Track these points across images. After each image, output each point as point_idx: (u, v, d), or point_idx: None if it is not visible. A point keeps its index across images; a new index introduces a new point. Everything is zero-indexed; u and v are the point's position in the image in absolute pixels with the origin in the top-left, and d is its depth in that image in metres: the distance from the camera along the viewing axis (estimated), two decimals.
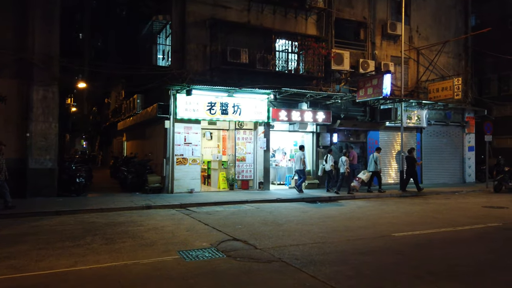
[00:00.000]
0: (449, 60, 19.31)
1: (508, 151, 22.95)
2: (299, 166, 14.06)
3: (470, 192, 15.96)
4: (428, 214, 9.90)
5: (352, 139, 17.11)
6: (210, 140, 17.46)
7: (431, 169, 18.60)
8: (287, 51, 15.34)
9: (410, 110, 17.77)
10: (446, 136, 19.17)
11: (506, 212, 10.37)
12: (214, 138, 17.38)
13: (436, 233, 7.54)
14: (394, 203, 12.27)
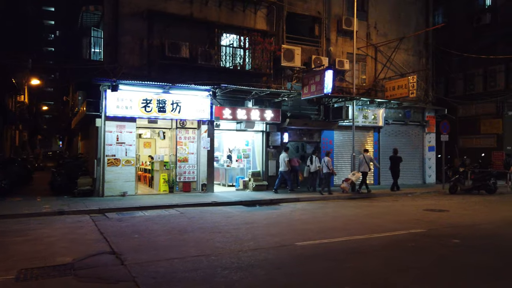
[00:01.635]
0: (409, 57, 18.82)
1: (474, 151, 22.68)
2: (284, 168, 14.14)
3: (425, 193, 15.46)
4: (358, 219, 9.26)
5: (306, 139, 16.47)
6: (163, 139, 16.64)
7: None
8: (232, 46, 14.60)
9: (366, 108, 17.21)
10: (406, 136, 18.67)
11: (442, 216, 9.80)
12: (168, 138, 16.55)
13: (344, 241, 6.88)
14: (335, 206, 11.64)
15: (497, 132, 21.76)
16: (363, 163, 14.84)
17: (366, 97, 17.12)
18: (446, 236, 7.41)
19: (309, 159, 14.65)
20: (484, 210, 10.99)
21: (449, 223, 8.77)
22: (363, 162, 14.84)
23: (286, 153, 14.45)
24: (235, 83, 13.71)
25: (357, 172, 14.89)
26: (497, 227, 8.42)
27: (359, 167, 14.97)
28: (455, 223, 8.79)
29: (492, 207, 11.50)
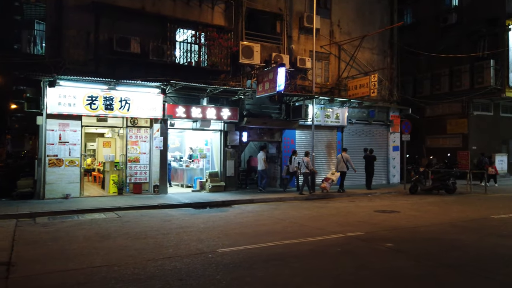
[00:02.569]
0: (374, 56, 18.64)
1: (441, 151, 22.74)
2: (262, 167, 14.51)
3: (385, 193, 15.27)
4: (301, 222, 8.90)
5: (266, 138, 16.07)
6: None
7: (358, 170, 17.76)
8: (187, 41, 14.08)
9: (329, 108, 16.94)
10: (370, 136, 18.49)
11: (389, 218, 9.53)
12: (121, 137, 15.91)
13: (272, 247, 6.50)
14: (287, 208, 11.26)
15: (463, 131, 21.87)
16: (340, 162, 15.02)
17: (330, 96, 16.85)
18: (382, 239, 7.10)
19: (289, 159, 14.99)
20: (435, 211, 10.79)
21: (392, 226, 8.49)
22: (341, 162, 15.01)
23: (263, 151, 14.71)
24: (191, 80, 13.22)
25: (336, 172, 15.08)
26: (439, 229, 8.17)
27: (337, 167, 15.25)
28: (398, 226, 8.51)
29: (445, 208, 11.32)
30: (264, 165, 14.51)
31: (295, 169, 14.47)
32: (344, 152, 15.48)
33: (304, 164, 14.10)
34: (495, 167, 19.38)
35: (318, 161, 16.87)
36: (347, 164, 15.09)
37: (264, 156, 14.58)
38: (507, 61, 19.72)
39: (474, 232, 7.86)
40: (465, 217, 9.68)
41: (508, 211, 10.49)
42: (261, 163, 14.54)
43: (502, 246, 6.73)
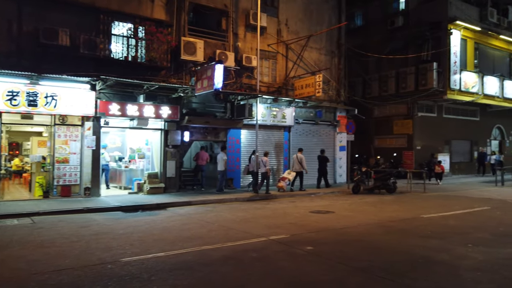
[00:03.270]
0: (321, 56, 18.68)
1: (388, 151, 23.23)
2: (221, 167, 14.45)
3: (329, 193, 15.27)
4: (230, 225, 8.55)
5: (210, 138, 15.64)
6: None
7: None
8: (123, 35, 13.35)
9: (275, 107, 16.76)
10: (317, 136, 18.52)
11: (321, 219, 9.40)
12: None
13: (184, 254, 6.10)
14: (222, 210, 10.88)
15: (408, 132, 22.46)
16: (295, 162, 15.33)
17: (277, 95, 16.67)
18: (305, 242, 6.88)
19: (249, 158, 15.05)
20: (370, 211, 10.81)
21: (321, 227, 8.33)
22: (296, 162, 15.32)
23: (223, 152, 14.67)
24: (128, 76, 12.53)
25: (292, 171, 15.32)
26: (366, 230, 8.10)
27: (292, 167, 15.56)
28: (327, 227, 8.36)
29: (380, 208, 11.39)
30: (224, 166, 14.48)
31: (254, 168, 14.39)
32: (300, 152, 15.71)
33: (263, 163, 14.24)
34: (442, 166, 20.14)
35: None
36: (301, 164, 15.35)
37: (226, 156, 14.61)
38: (448, 64, 20.42)
39: (398, 233, 7.84)
40: (395, 217, 9.73)
41: (438, 211, 10.68)
42: (221, 163, 14.47)
43: (419, 247, 6.69)
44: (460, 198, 13.76)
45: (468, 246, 6.79)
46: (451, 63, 20.47)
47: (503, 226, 8.59)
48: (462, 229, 8.20)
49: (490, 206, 11.54)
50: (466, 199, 13.47)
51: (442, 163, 21.87)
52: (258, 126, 14.71)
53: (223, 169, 14.52)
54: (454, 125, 23.95)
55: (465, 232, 7.95)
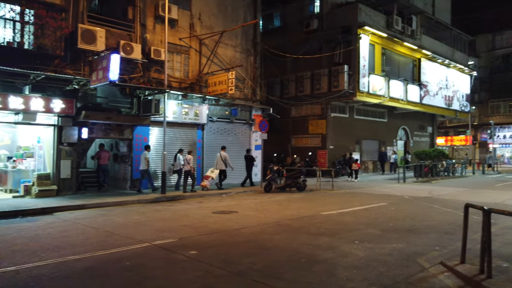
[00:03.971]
0: (237, 54, 18.40)
1: (304, 150, 23.77)
2: (143, 166, 14.00)
3: (241, 193, 14.99)
4: (115, 230, 7.75)
5: (114, 135, 14.47)
6: None
7: None
8: (4, 17, 11.72)
9: (188, 104, 16.08)
10: (232, 134, 18.20)
11: (220, 220, 8.99)
12: None
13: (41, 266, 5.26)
14: (116, 214, 9.96)
15: (322, 132, 23.19)
16: (219, 161, 15.28)
17: (189, 91, 16.01)
18: (190, 246, 6.38)
19: (174, 157, 14.65)
20: (274, 209, 10.67)
21: (216, 229, 7.91)
22: (219, 160, 15.27)
23: (147, 151, 14.30)
24: (11, 64, 10.96)
25: (216, 169, 15.26)
26: (261, 230, 7.85)
27: (216, 165, 15.40)
28: (223, 228, 7.97)
29: (286, 206, 11.34)
30: (145, 165, 14.07)
31: (180, 167, 14.30)
32: (223, 150, 15.65)
33: (186, 162, 14.15)
34: (358, 164, 21.13)
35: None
36: (225, 162, 15.33)
37: (148, 155, 14.16)
38: (358, 67, 21.43)
39: (293, 232, 7.70)
40: (296, 215, 9.67)
41: (339, 207, 10.90)
42: (143, 163, 14.04)
43: (308, 245, 6.56)
44: (363, 195, 14.35)
45: (355, 243, 6.82)
46: (360, 66, 21.51)
47: (393, 221, 8.91)
48: (355, 226, 8.33)
49: (387, 202, 12.11)
50: (368, 195, 14.07)
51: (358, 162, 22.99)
52: (166, 123, 13.93)
53: (145, 168, 14.01)
54: (365, 125, 25.32)
55: (357, 228, 8.07)
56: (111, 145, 15.95)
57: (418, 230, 7.94)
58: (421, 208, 10.94)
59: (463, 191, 15.95)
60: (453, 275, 5.10)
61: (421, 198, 13.30)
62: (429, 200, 12.67)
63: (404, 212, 10.32)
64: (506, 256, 5.85)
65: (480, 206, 5.15)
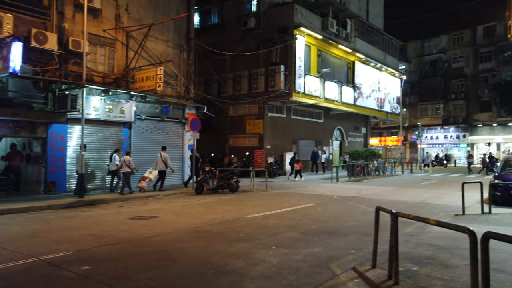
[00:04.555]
0: (169, 49, 17.53)
1: (242, 150, 23.42)
2: (77, 167, 12.86)
3: (170, 195, 14.22)
4: (4, 243, 6.71)
5: (25, 134, 13.02)
6: None
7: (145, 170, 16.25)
8: None
9: (112, 101, 14.96)
10: (163, 133, 17.31)
11: (135, 227, 8.25)
12: None
13: None
14: (16, 222, 8.78)
15: (259, 132, 23.00)
16: (159, 161, 14.82)
17: (114, 87, 14.89)
18: (84, 260, 5.62)
19: (109, 157, 14.12)
20: (199, 213, 10.11)
21: (124, 238, 7.16)
22: (159, 161, 14.81)
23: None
24: None
25: (154, 170, 14.77)
26: (176, 237, 7.25)
27: (155, 166, 14.90)
28: (132, 237, 7.24)
29: (213, 209, 10.81)
30: (115, 166, 13.76)
31: (116, 167, 13.77)
32: (164, 151, 15.20)
33: (125, 163, 13.57)
34: (300, 164, 21.22)
35: (100, 161, 14.79)
36: (166, 163, 14.91)
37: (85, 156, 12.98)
38: (294, 68, 21.50)
39: (209, 238, 7.19)
40: (220, 219, 9.19)
41: (266, 209, 10.60)
42: (78, 164, 12.97)
43: (221, 254, 6.09)
44: (295, 195, 14.24)
45: (272, 248, 6.47)
46: (296, 67, 21.59)
47: (317, 223, 8.74)
48: (277, 229, 8.02)
49: (316, 203, 12.04)
50: (299, 196, 13.98)
51: (286, 162, 23.13)
52: (85, 120, 12.79)
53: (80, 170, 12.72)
54: (302, 126, 25.57)
55: (278, 232, 7.76)
56: (23, 145, 14.39)
57: (339, 232, 7.81)
58: (346, 208, 10.97)
59: (391, 190, 16.49)
60: (362, 282, 4.89)
61: (349, 197, 13.45)
62: (356, 200, 12.83)
63: (330, 212, 10.25)
64: (417, 258, 5.80)
65: (389, 209, 4.99)
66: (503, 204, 11.38)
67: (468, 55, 44.34)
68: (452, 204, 11.79)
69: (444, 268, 5.26)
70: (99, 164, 14.87)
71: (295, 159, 21.62)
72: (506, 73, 40.15)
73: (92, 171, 14.58)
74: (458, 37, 45.44)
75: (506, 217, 9.43)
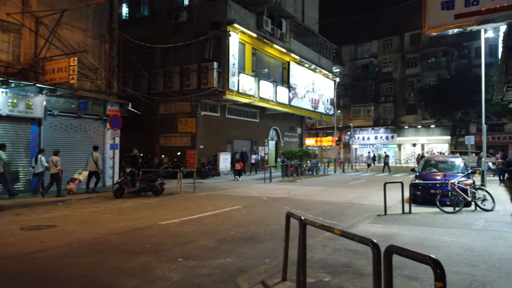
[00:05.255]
0: (87, 39, 15.98)
1: (173, 149, 22.28)
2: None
3: (85, 199, 12.86)
4: None
5: None
6: None
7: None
8: None
9: (16, 93, 13.20)
10: (81, 131, 15.74)
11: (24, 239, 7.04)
12: None
13: None
14: None
15: (192, 131, 22.06)
16: (90, 161, 14.20)
17: (19, 78, 13.14)
18: None
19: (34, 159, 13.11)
20: (109, 220, 9.03)
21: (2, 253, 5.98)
22: (91, 161, 14.18)
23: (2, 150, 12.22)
24: None
25: (84, 171, 14.16)
26: (67, 251, 6.22)
27: (87, 166, 14.30)
28: (11, 253, 6.08)
29: (127, 215, 9.77)
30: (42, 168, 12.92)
31: (44, 169, 12.97)
32: (95, 151, 14.52)
33: (53, 163, 12.92)
34: (240, 164, 20.65)
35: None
36: (97, 164, 14.25)
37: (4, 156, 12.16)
38: (227, 65, 20.85)
39: (107, 251, 6.26)
40: (130, 226, 8.23)
41: (187, 214, 9.81)
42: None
43: (115, 271, 5.22)
44: (223, 197, 13.58)
45: (177, 261, 5.72)
46: (230, 64, 20.97)
47: (237, 228, 8.14)
48: (191, 237, 7.27)
49: (242, 205, 11.48)
50: (227, 197, 13.35)
51: (220, 162, 22.54)
52: None
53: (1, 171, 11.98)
54: (237, 125, 25.04)
55: (191, 240, 7.02)
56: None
57: (258, 238, 7.26)
58: (272, 211, 10.52)
59: (321, 189, 16.47)
60: None
61: (278, 199, 13.09)
62: (284, 201, 12.47)
63: (254, 216, 9.72)
64: (332, 265, 5.40)
65: (298, 216, 4.47)
66: (423, 203, 11.67)
67: (396, 60, 46.94)
68: (376, 204, 11.86)
69: (358, 277, 4.89)
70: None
71: (235, 159, 21.25)
72: (430, 78, 43.03)
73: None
74: (387, 43, 47.94)
75: (425, 216, 9.55)
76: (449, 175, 11.84)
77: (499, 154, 19.74)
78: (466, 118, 39.35)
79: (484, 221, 8.82)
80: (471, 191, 10.49)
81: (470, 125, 40.04)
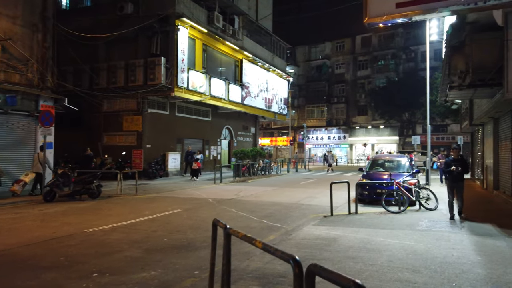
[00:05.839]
0: (16, 28, 14.45)
1: (118, 149, 20.98)
2: None
3: (10, 204, 11.49)
4: None
5: None
6: None
7: None
8: None
9: None
10: (7, 129, 14.20)
11: None
12: None
13: None
14: None
15: (138, 129, 20.90)
16: (36, 162, 13.49)
17: None
18: None
19: None
20: (27, 228, 7.97)
21: None
22: (36, 162, 13.46)
23: None
24: None
25: (31, 173, 13.38)
26: None
27: (33, 167, 13.55)
28: None
29: (50, 222, 8.72)
30: None
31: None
32: (41, 151, 13.54)
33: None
34: (198, 163, 20.10)
35: None
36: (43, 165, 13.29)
37: None
38: (176, 61, 19.93)
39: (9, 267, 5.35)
40: (49, 235, 7.26)
41: (120, 219, 8.94)
42: None
43: None
44: (166, 199, 12.76)
45: (91, 277, 4.94)
46: (178, 60, 20.07)
47: (172, 235, 7.44)
48: (116, 247, 6.48)
49: (185, 208, 10.76)
50: (171, 200, 12.55)
51: (169, 162, 21.63)
52: None
53: None
54: (188, 124, 24.13)
55: (116, 250, 6.24)
56: None
57: (193, 245, 6.62)
58: (215, 214, 9.89)
59: (271, 190, 16.09)
60: None
61: (225, 200, 12.48)
62: (231, 203, 11.89)
63: (194, 220, 9.05)
64: (268, 276, 4.88)
65: (223, 224, 3.90)
66: (370, 203, 11.58)
67: (348, 62, 48.01)
68: (324, 204, 11.60)
69: None
70: None
71: (193, 158, 20.40)
72: (379, 80, 44.41)
73: None
74: (340, 45, 48.92)
75: (370, 217, 9.37)
76: (395, 174, 11.83)
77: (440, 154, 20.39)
78: (413, 119, 40.99)
79: (427, 221, 8.76)
80: (415, 191, 10.50)
81: (416, 126, 41.78)
